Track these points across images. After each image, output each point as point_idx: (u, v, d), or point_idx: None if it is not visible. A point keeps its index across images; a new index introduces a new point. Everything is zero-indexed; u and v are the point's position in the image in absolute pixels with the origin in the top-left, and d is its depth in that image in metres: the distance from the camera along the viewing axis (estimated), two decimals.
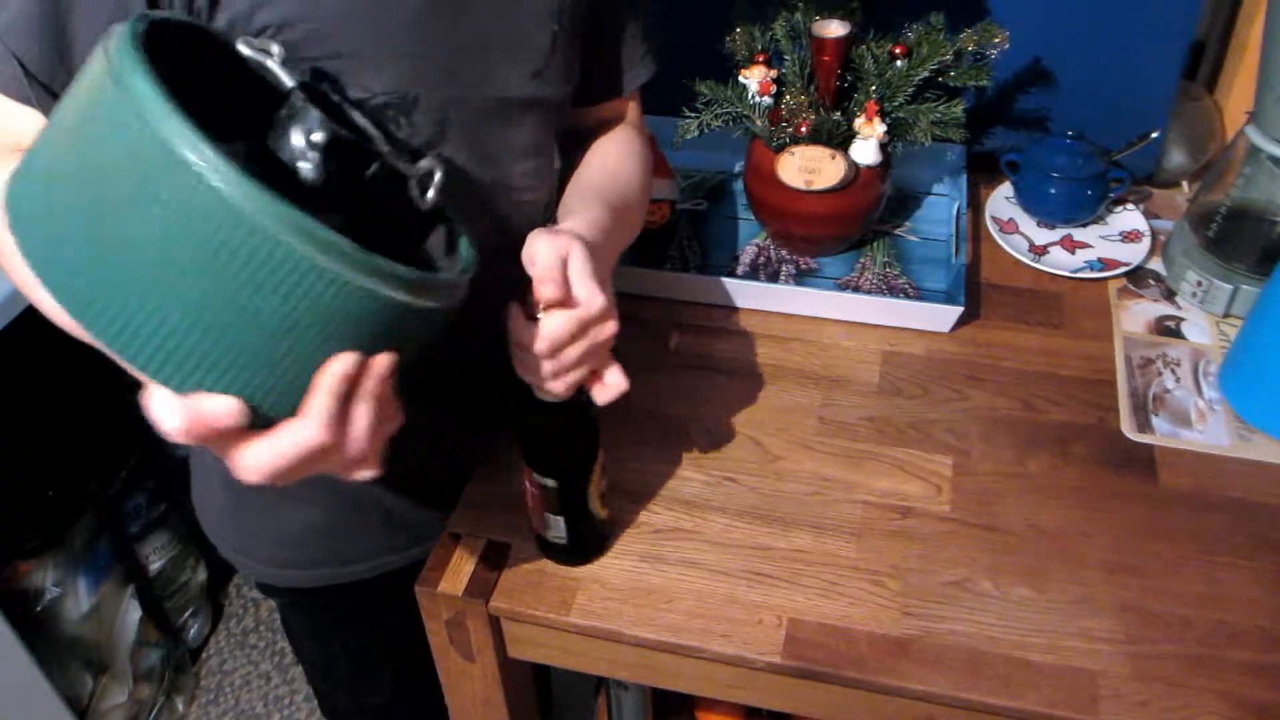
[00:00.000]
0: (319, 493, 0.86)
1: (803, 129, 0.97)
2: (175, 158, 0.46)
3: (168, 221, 0.47)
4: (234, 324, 0.49)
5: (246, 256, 0.47)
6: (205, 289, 0.48)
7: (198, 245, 0.47)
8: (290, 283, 0.48)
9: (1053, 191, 1.09)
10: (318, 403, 0.50)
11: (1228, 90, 1.19)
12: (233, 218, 0.46)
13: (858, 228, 1.07)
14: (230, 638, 1.89)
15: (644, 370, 0.71)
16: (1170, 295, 1.04)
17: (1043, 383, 0.94)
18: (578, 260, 0.65)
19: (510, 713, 0.87)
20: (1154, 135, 1.11)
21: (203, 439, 0.50)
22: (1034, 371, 0.95)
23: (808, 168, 0.99)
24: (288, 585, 0.95)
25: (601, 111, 0.90)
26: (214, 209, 0.46)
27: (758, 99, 1.00)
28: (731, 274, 1.07)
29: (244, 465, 0.52)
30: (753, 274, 1.08)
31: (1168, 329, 1.00)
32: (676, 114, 1.03)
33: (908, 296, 1.04)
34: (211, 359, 0.49)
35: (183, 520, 1.75)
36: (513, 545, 0.82)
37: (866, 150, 0.98)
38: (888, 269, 1.07)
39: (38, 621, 1.47)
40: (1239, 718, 0.69)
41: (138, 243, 0.47)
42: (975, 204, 1.16)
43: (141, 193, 0.47)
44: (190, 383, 0.50)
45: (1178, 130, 1.16)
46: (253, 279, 0.47)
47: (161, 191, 0.47)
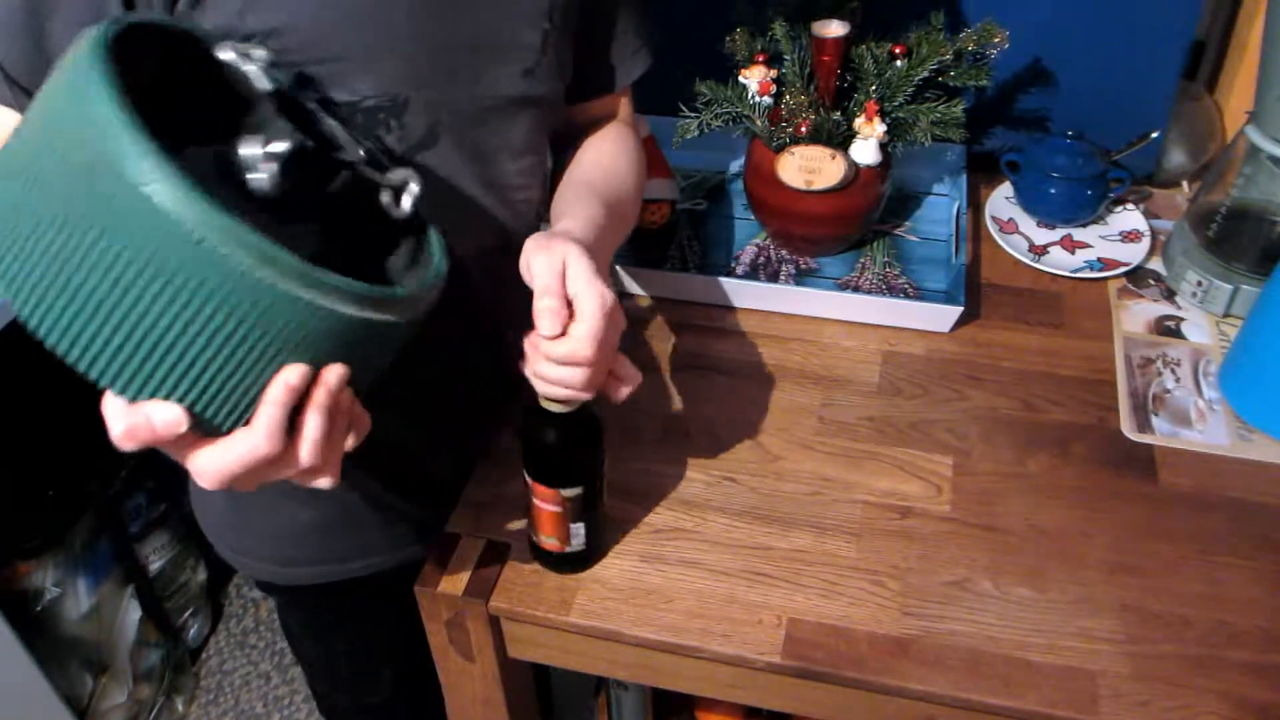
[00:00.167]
0: (316, 491, 0.86)
1: (803, 129, 0.97)
2: (116, 167, 0.46)
3: (109, 231, 0.47)
4: (179, 335, 0.49)
5: (188, 268, 0.47)
6: (148, 299, 0.48)
7: (137, 256, 0.47)
8: (233, 296, 0.48)
9: (1053, 191, 1.09)
10: (264, 414, 0.51)
11: (1228, 90, 1.19)
12: (171, 229, 0.46)
13: (858, 228, 1.07)
14: (230, 638, 1.89)
15: (644, 370, 0.71)
16: (1170, 295, 1.04)
17: (1043, 383, 0.94)
18: (576, 264, 0.64)
19: (510, 713, 0.87)
20: (1154, 135, 1.11)
21: (148, 445, 0.51)
22: (1034, 371, 0.95)
23: (808, 168, 0.99)
24: (286, 583, 0.95)
25: (594, 108, 0.89)
26: (151, 220, 0.46)
27: (758, 99, 1.00)
28: (731, 274, 1.07)
29: (197, 471, 0.53)
30: (753, 274, 1.08)
31: (1168, 329, 1.00)
32: (676, 114, 1.03)
33: (908, 296, 1.04)
34: (156, 369, 0.49)
35: (183, 520, 1.76)
36: (513, 545, 0.82)
37: (866, 150, 0.98)
38: (888, 269, 1.07)
39: (38, 621, 1.47)
40: (1239, 718, 0.69)
41: (80, 251, 0.47)
42: (975, 204, 1.16)
43: (81, 200, 0.47)
44: (136, 390, 0.50)
45: (1178, 130, 1.16)
46: (195, 291, 0.47)
47: (101, 201, 0.47)
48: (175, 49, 0.59)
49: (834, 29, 0.97)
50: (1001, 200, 1.16)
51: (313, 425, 0.53)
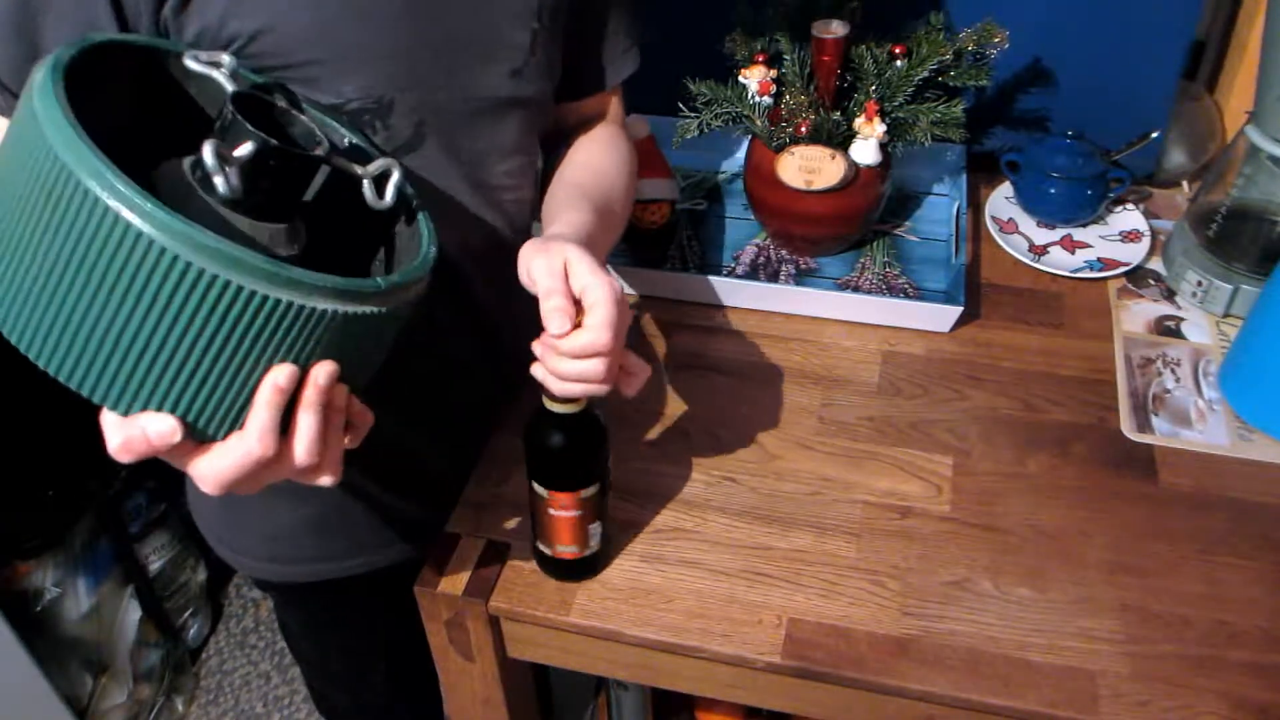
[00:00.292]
0: (311, 489, 0.86)
1: (803, 129, 0.97)
2: (75, 187, 0.46)
3: (79, 250, 0.47)
4: (160, 347, 0.49)
5: (158, 281, 0.47)
6: (124, 313, 0.48)
7: (109, 272, 0.47)
8: (206, 304, 0.48)
9: (1053, 191, 1.09)
10: (255, 417, 0.52)
11: (1228, 90, 1.19)
12: (135, 244, 0.46)
13: (858, 228, 1.07)
14: (230, 638, 1.89)
15: None
16: (1170, 295, 1.04)
17: (1043, 383, 0.94)
18: (578, 261, 0.64)
19: (510, 713, 0.87)
20: (1154, 135, 1.11)
21: (145, 456, 0.51)
22: (1034, 371, 0.95)
23: (808, 168, 0.99)
24: (282, 581, 0.95)
25: (583, 108, 0.89)
26: (115, 236, 0.46)
27: (758, 99, 1.00)
28: (731, 274, 1.07)
29: (198, 478, 0.53)
30: (753, 274, 1.08)
31: (1168, 329, 1.00)
32: (676, 114, 1.03)
33: (908, 296, 1.04)
34: (144, 382, 0.50)
35: (182, 520, 1.76)
36: (512, 545, 0.82)
37: (866, 150, 0.98)
38: (888, 269, 1.07)
39: (38, 621, 1.47)
40: (1239, 718, 0.69)
41: (56, 272, 0.48)
42: (975, 204, 1.16)
43: (50, 222, 0.47)
44: (128, 404, 0.50)
45: (1178, 130, 1.16)
46: (169, 302, 0.48)
47: (66, 221, 0.47)
48: (153, 62, 0.59)
49: (834, 29, 0.97)
50: (1001, 200, 1.16)
51: (306, 424, 0.53)
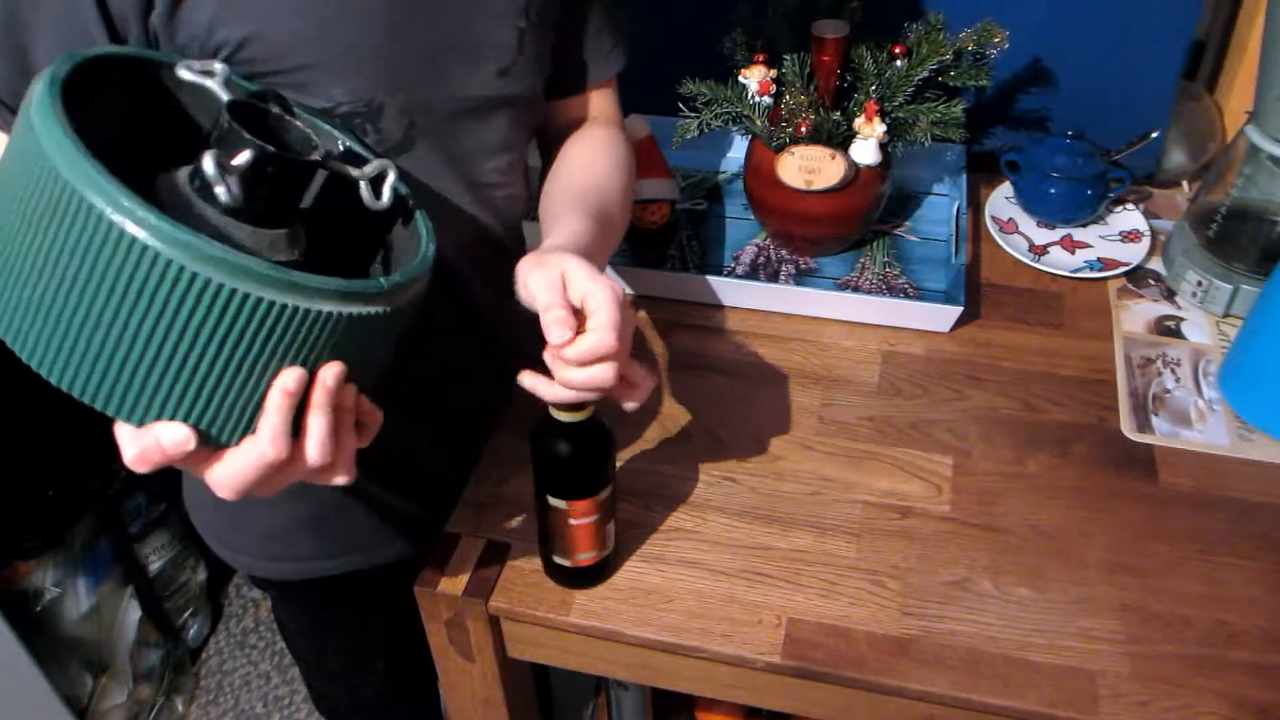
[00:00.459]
0: (309, 488, 0.86)
1: (803, 129, 0.97)
2: (77, 202, 0.47)
3: (85, 264, 0.47)
4: (169, 357, 0.49)
5: (163, 292, 0.48)
6: (133, 325, 0.48)
7: (115, 285, 0.48)
8: (213, 312, 0.48)
9: (1053, 191, 1.09)
10: (267, 421, 0.53)
11: (1228, 90, 1.19)
12: (138, 256, 0.47)
13: (858, 228, 1.07)
14: (230, 638, 1.89)
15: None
16: (1170, 295, 1.04)
17: (1043, 383, 0.94)
18: (576, 270, 0.63)
19: (510, 713, 0.87)
20: (1154, 135, 1.11)
21: (161, 465, 0.52)
22: (1034, 371, 0.95)
23: (808, 168, 0.99)
24: (279, 578, 0.95)
25: (573, 107, 0.89)
26: (118, 249, 0.47)
27: (758, 99, 1.00)
28: (731, 274, 1.07)
29: (213, 483, 0.55)
30: (753, 274, 1.08)
31: (1168, 329, 1.00)
32: (676, 114, 1.03)
33: (908, 296, 1.04)
34: (156, 392, 0.50)
35: (182, 520, 1.75)
36: (512, 545, 0.82)
37: (866, 150, 0.98)
38: (888, 269, 1.07)
39: (38, 621, 1.47)
40: (1239, 718, 0.69)
41: (64, 288, 0.48)
42: (975, 204, 1.16)
43: (57, 237, 0.48)
44: (141, 414, 0.51)
45: (1178, 130, 1.16)
46: (176, 312, 0.48)
47: (71, 235, 0.47)
48: (145, 73, 0.59)
49: (834, 29, 0.97)
50: (1001, 200, 1.16)
51: (317, 425, 0.54)
